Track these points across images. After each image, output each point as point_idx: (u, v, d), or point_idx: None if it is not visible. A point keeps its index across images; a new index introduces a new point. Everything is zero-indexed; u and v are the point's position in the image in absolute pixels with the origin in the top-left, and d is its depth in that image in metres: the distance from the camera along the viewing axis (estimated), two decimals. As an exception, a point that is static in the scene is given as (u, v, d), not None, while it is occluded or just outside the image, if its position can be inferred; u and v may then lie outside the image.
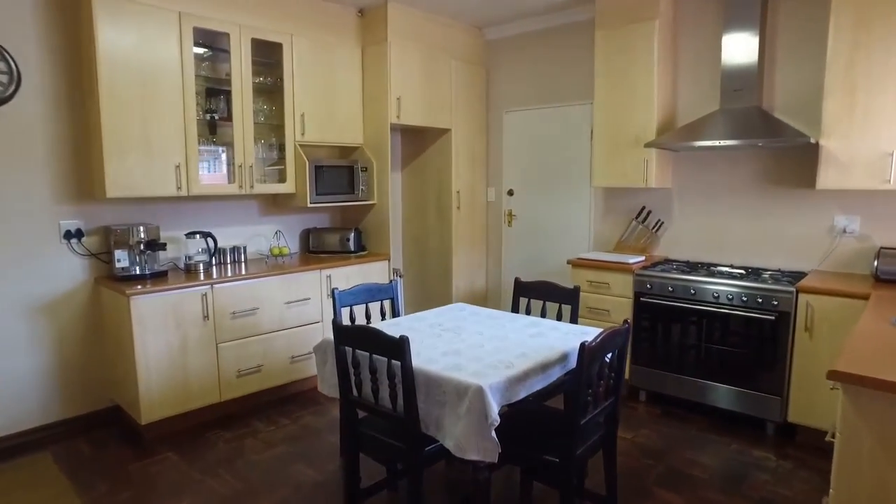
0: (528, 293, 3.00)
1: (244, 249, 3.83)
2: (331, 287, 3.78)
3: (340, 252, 4.15)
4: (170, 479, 2.71)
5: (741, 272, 3.36)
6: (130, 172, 3.08)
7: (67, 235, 3.15)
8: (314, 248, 4.20)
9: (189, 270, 3.44)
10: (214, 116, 3.54)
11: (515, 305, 3.07)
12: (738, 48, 3.31)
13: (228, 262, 3.73)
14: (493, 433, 1.83)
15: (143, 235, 3.21)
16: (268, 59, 3.75)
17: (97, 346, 3.31)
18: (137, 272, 3.20)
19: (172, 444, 3.05)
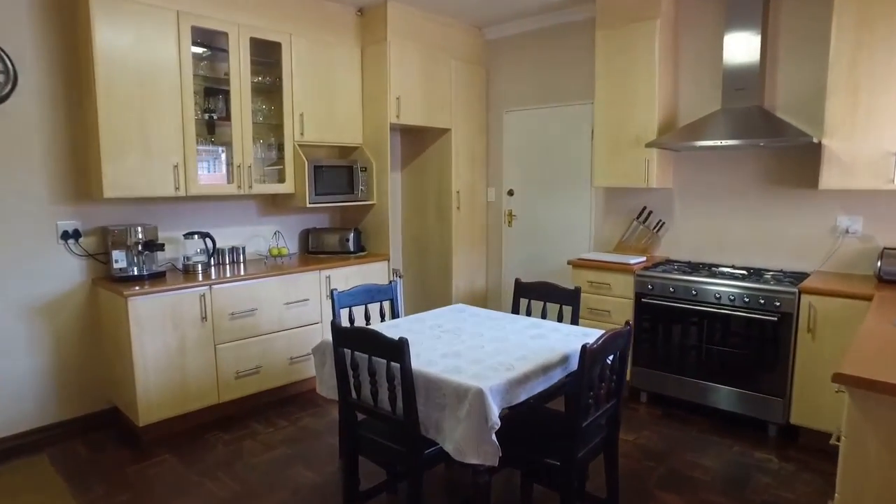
0: (529, 294, 2.98)
1: (243, 250, 3.81)
2: (330, 288, 3.76)
3: (340, 252, 4.13)
4: (168, 482, 2.69)
5: (743, 273, 3.33)
6: (128, 172, 3.06)
7: (65, 236, 3.13)
8: (313, 249, 4.18)
9: (187, 271, 3.42)
10: (213, 116, 3.52)
11: (516, 306, 3.05)
12: (740, 47, 3.29)
13: (227, 263, 3.70)
14: (494, 436, 1.81)
15: (141, 236, 3.19)
16: (267, 59, 3.73)
17: (95, 348, 3.29)
18: (135, 273, 3.18)
19: (170, 446, 3.03)
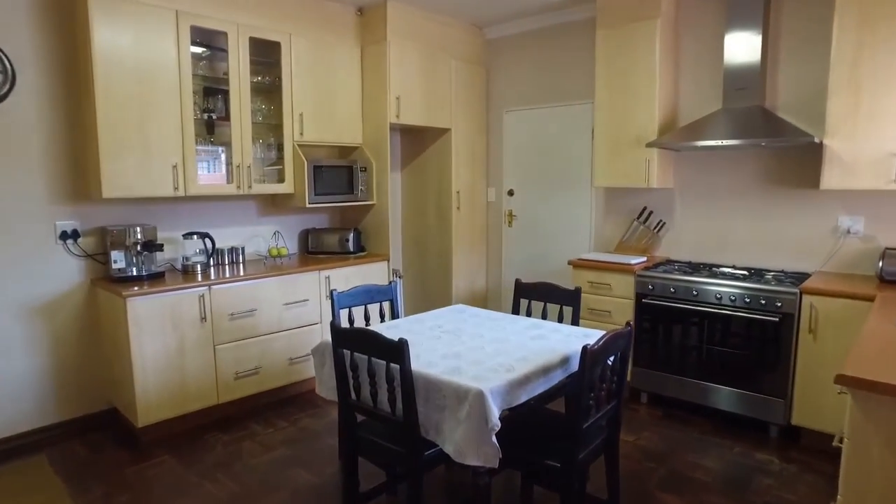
0: (529, 294, 2.97)
1: (242, 250, 3.79)
2: (330, 288, 3.75)
3: (339, 253, 4.12)
4: (167, 483, 2.68)
5: (744, 273, 3.32)
6: (127, 172, 3.05)
7: (63, 236, 3.12)
8: (313, 249, 4.17)
9: (186, 271, 3.40)
10: (212, 116, 3.51)
11: (516, 307, 3.04)
12: (741, 47, 3.27)
13: (226, 263, 3.69)
14: (494, 438, 1.80)
15: (140, 236, 3.18)
16: (266, 59, 3.72)
17: (93, 348, 3.28)
18: (134, 273, 3.17)
19: (169, 447, 3.02)
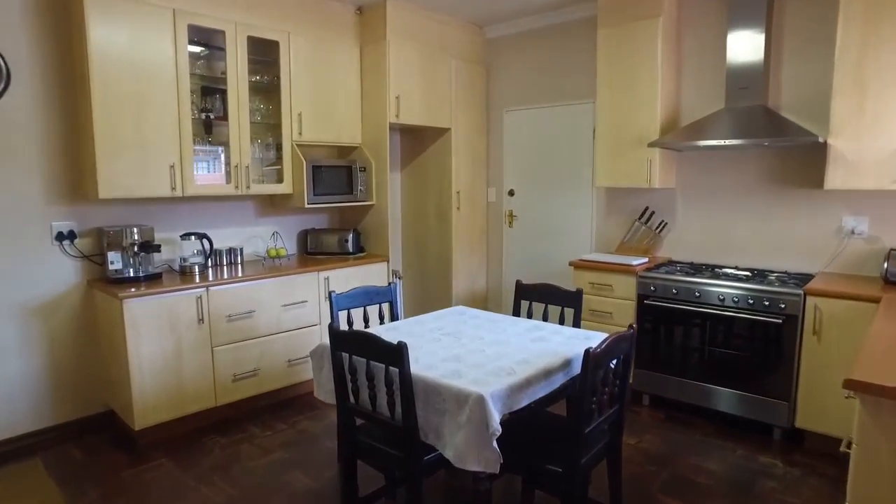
0: (530, 296, 2.94)
1: (240, 251, 3.76)
2: (329, 289, 3.72)
3: (339, 253, 4.09)
4: (163, 486, 2.65)
5: (747, 274, 3.29)
6: (124, 172, 3.02)
7: (59, 237, 3.08)
8: (312, 250, 4.14)
9: (184, 272, 3.37)
10: (210, 116, 3.48)
11: (517, 308, 3.00)
12: (744, 46, 3.24)
13: (224, 264, 3.66)
14: (495, 443, 1.77)
15: (137, 237, 3.15)
16: (264, 58, 3.69)
17: (90, 350, 3.24)
18: (131, 274, 3.14)
19: (167, 450, 2.99)
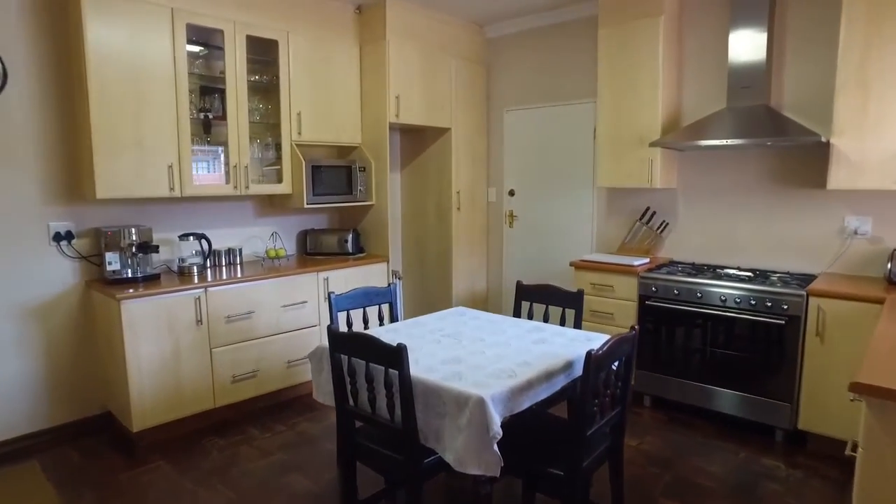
0: (531, 297, 2.91)
1: (239, 251, 3.74)
2: (328, 290, 3.70)
3: (338, 254, 4.06)
4: (161, 489, 2.63)
5: (749, 275, 3.27)
6: (121, 173, 3.00)
7: (57, 237, 3.06)
8: (311, 250, 4.11)
9: (182, 273, 3.35)
10: (208, 115, 3.46)
11: (517, 309, 2.98)
12: (746, 45, 3.22)
13: (223, 265, 3.64)
14: (495, 446, 1.75)
15: (135, 237, 3.13)
16: (263, 57, 3.67)
17: (88, 351, 3.22)
18: (129, 275, 3.12)
19: (165, 452, 2.97)
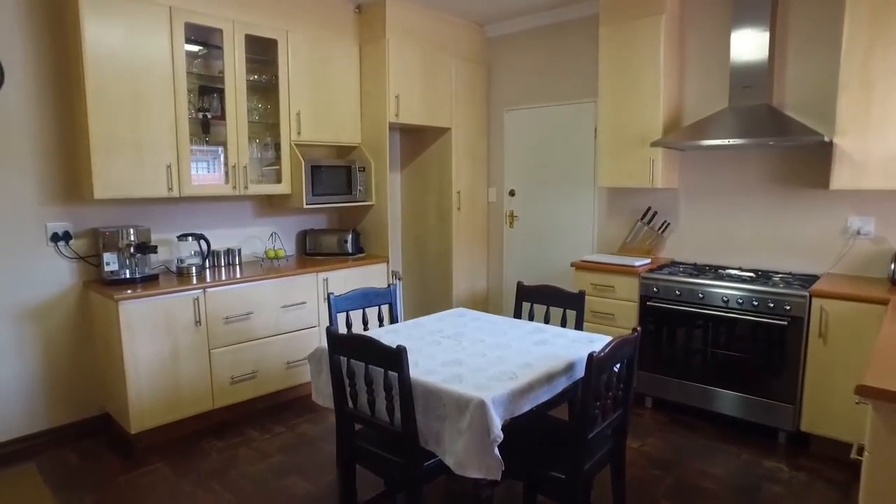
0: (531, 298, 2.89)
1: (238, 252, 3.72)
2: (328, 290, 3.68)
3: (338, 254, 4.04)
4: (159, 491, 2.61)
5: (751, 275, 3.25)
6: (120, 173, 2.98)
7: (55, 238, 3.04)
8: (311, 251, 4.10)
9: (181, 274, 3.33)
10: (207, 115, 3.44)
11: (518, 310, 2.96)
12: (748, 44, 3.20)
13: (222, 265, 3.62)
14: (496, 449, 1.72)
15: (134, 238, 3.11)
16: (262, 56, 3.65)
17: (86, 352, 3.20)
18: (127, 276, 3.10)
19: (163, 454, 2.95)
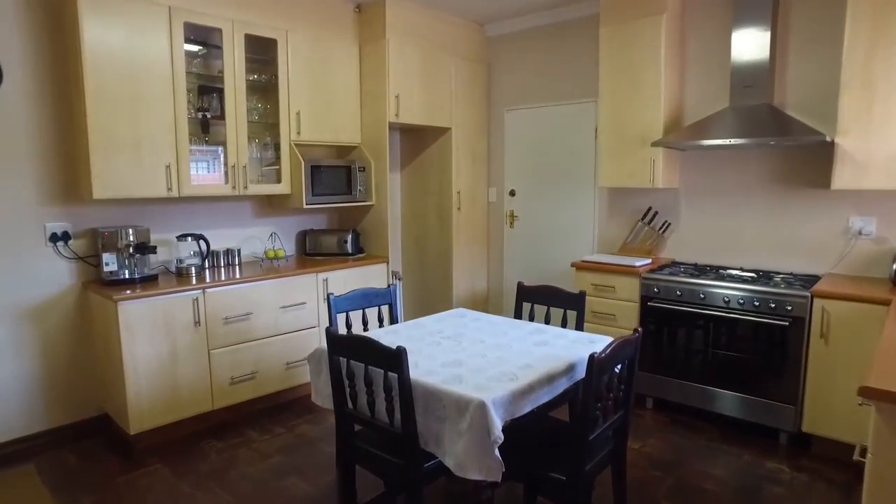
0: (532, 298, 2.88)
1: (238, 252, 3.71)
2: (327, 290, 3.67)
3: (338, 254, 4.03)
4: (159, 492, 2.60)
5: (752, 276, 3.24)
6: (119, 173, 2.97)
7: (53, 238, 3.03)
8: (311, 251, 4.09)
9: (180, 274, 3.32)
10: (207, 115, 3.43)
11: (518, 310, 2.95)
12: (749, 43, 3.19)
13: (221, 266, 3.61)
14: (496, 450, 1.71)
15: (133, 238, 3.10)
16: (262, 56, 3.64)
17: (85, 353, 3.19)
18: (126, 276, 3.09)
19: (163, 455, 2.94)
